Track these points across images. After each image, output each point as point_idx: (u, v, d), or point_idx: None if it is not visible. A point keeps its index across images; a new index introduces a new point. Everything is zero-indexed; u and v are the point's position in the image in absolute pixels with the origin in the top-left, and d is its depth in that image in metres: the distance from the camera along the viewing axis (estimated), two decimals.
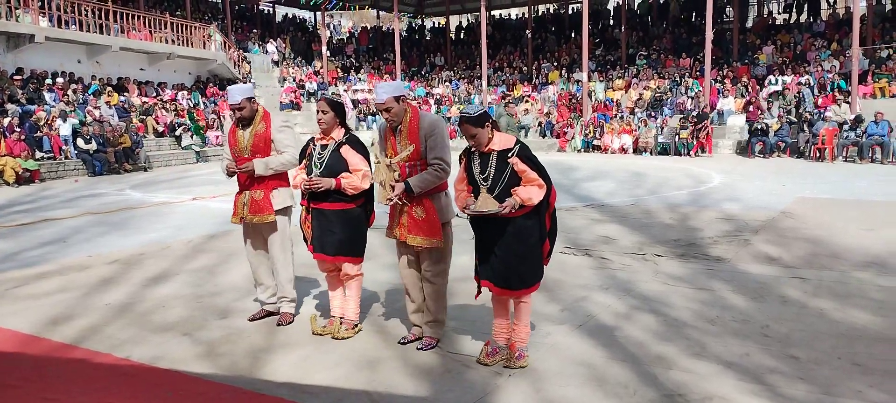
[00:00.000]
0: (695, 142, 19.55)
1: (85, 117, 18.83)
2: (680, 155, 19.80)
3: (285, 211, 4.68)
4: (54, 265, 6.80)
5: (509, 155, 3.66)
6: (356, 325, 4.43)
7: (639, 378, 3.60)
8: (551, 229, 3.83)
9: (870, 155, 16.85)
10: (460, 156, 3.91)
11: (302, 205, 4.40)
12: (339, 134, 4.29)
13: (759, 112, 20.01)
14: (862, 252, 6.56)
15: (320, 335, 4.38)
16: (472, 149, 3.81)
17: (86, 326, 4.71)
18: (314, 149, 4.31)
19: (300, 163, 4.42)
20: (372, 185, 4.30)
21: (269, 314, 4.83)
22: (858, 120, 17.70)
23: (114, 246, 7.80)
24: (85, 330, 4.62)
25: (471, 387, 3.55)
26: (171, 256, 7.10)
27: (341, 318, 4.42)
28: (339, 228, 4.22)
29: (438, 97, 28.19)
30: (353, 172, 4.20)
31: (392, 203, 4.01)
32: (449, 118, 24.08)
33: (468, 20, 38.52)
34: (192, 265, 6.66)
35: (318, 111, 4.27)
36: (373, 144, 4.33)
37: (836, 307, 4.79)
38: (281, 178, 4.64)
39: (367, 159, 4.26)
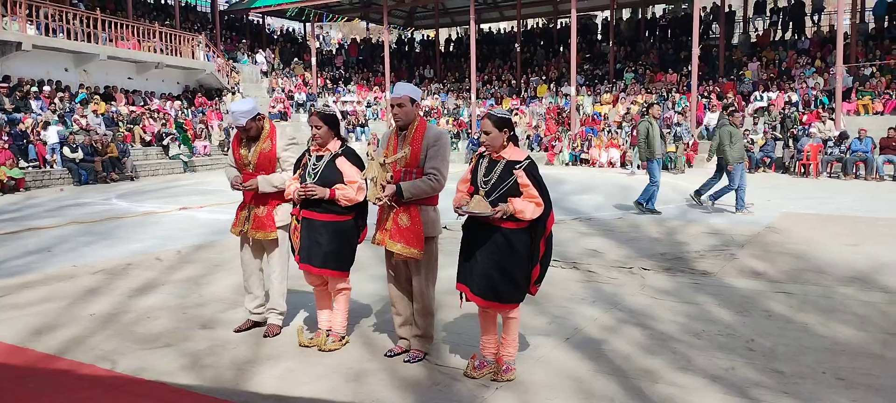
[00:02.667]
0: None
1: (71, 126, 18.70)
2: (667, 169, 19.90)
3: (287, 227, 4.63)
4: (38, 274, 6.74)
5: (517, 166, 3.67)
6: (343, 338, 4.40)
7: (625, 392, 3.62)
8: (545, 255, 3.78)
9: (853, 171, 17.04)
10: (471, 158, 3.90)
11: (292, 215, 4.37)
12: (335, 146, 4.27)
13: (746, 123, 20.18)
14: (846, 267, 6.63)
15: (307, 347, 4.36)
16: (484, 152, 3.82)
17: (70, 337, 4.67)
18: (309, 160, 4.29)
19: (294, 173, 4.40)
20: (366, 199, 4.25)
21: (256, 325, 4.80)
22: (842, 136, 17.91)
23: (99, 256, 7.74)
24: (69, 341, 4.57)
25: (458, 400, 3.55)
26: (157, 267, 7.05)
27: (328, 331, 4.40)
28: (326, 240, 4.17)
29: (427, 109, 28.23)
30: (348, 184, 4.17)
31: (380, 203, 3.98)
32: None
33: (457, 33, 38.70)
34: (178, 276, 6.62)
35: (311, 127, 4.25)
36: (369, 144, 4.33)
37: (821, 321, 4.84)
38: (283, 195, 4.58)
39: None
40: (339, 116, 22.91)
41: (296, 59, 33.07)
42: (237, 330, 4.75)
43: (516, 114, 26.07)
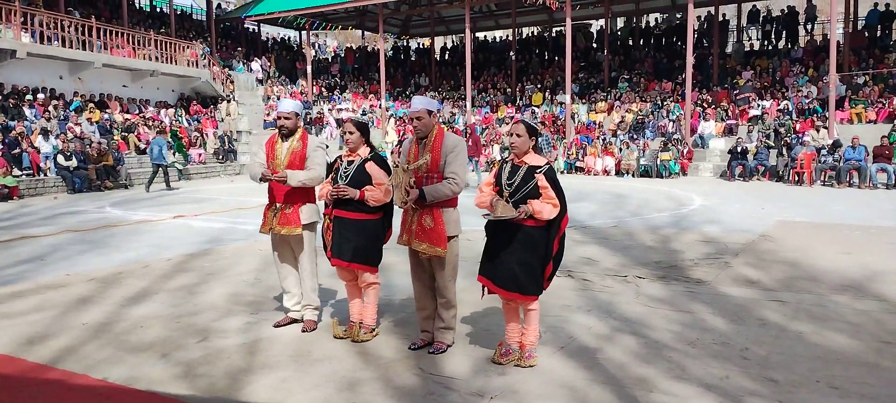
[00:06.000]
0: None
1: (66, 134, 18.65)
2: (661, 177, 19.97)
3: (312, 226, 4.96)
4: (31, 283, 6.70)
5: (538, 171, 4.03)
6: (374, 329, 4.70)
7: (620, 401, 3.61)
8: (557, 254, 4.12)
9: (847, 179, 17.11)
10: (492, 166, 4.23)
11: (325, 215, 4.71)
12: (364, 151, 4.67)
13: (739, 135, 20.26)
14: (839, 275, 6.64)
15: (341, 338, 4.67)
16: (507, 159, 4.22)
17: (62, 346, 4.64)
18: (341, 165, 4.69)
19: (327, 177, 4.77)
20: (393, 201, 4.59)
21: (294, 321, 5.08)
22: (836, 145, 17.98)
23: (92, 264, 7.70)
24: (61, 351, 4.55)
25: None
26: (151, 275, 7.02)
27: (360, 323, 4.70)
28: (355, 236, 4.53)
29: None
30: (377, 186, 4.53)
31: (406, 206, 4.32)
32: None
33: (453, 41, 38.79)
34: (172, 284, 6.59)
35: (346, 131, 4.70)
36: (386, 142, 4.60)
37: (815, 330, 4.84)
38: (309, 196, 4.95)
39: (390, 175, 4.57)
40: (334, 125, 22.84)
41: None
42: (277, 325, 5.03)
43: (511, 122, 26.11)
